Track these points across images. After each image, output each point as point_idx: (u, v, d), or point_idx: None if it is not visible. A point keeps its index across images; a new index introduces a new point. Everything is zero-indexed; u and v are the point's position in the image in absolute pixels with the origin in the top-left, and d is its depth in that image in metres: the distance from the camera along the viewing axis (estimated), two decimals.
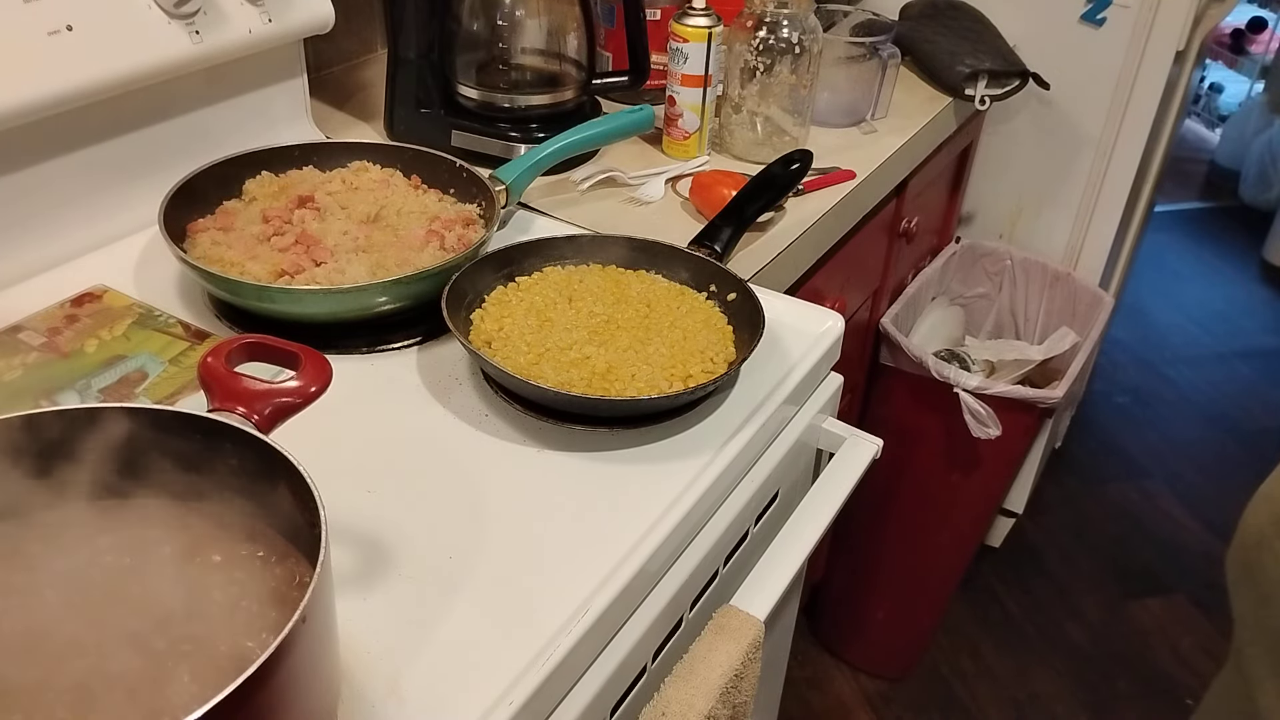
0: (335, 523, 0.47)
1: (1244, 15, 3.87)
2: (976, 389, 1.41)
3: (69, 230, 0.88)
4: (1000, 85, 1.40)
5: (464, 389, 0.76)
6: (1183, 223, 3.36)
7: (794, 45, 1.13)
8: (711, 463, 0.71)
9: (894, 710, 1.75)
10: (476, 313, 0.78)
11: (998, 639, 1.88)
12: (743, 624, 0.68)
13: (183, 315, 0.80)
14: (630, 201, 1.06)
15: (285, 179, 0.91)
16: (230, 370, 0.54)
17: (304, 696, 0.44)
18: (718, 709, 0.65)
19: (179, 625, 0.47)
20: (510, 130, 1.09)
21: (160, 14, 0.88)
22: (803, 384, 0.81)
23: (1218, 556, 2.23)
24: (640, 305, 0.80)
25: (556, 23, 1.13)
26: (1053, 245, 1.74)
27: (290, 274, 0.79)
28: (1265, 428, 2.46)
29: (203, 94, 0.97)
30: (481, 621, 0.58)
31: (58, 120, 0.84)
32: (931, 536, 1.62)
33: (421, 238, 0.83)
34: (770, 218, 1.05)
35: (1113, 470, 2.30)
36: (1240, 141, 3.50)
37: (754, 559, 0.74)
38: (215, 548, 0.51)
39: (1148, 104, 1.56)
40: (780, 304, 0.88)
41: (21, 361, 0.73)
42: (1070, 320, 1.68)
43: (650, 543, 0.64)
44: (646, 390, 0.71)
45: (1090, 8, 1.54)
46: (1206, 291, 3.00)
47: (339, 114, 1.21)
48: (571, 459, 0.70)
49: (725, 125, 1.18)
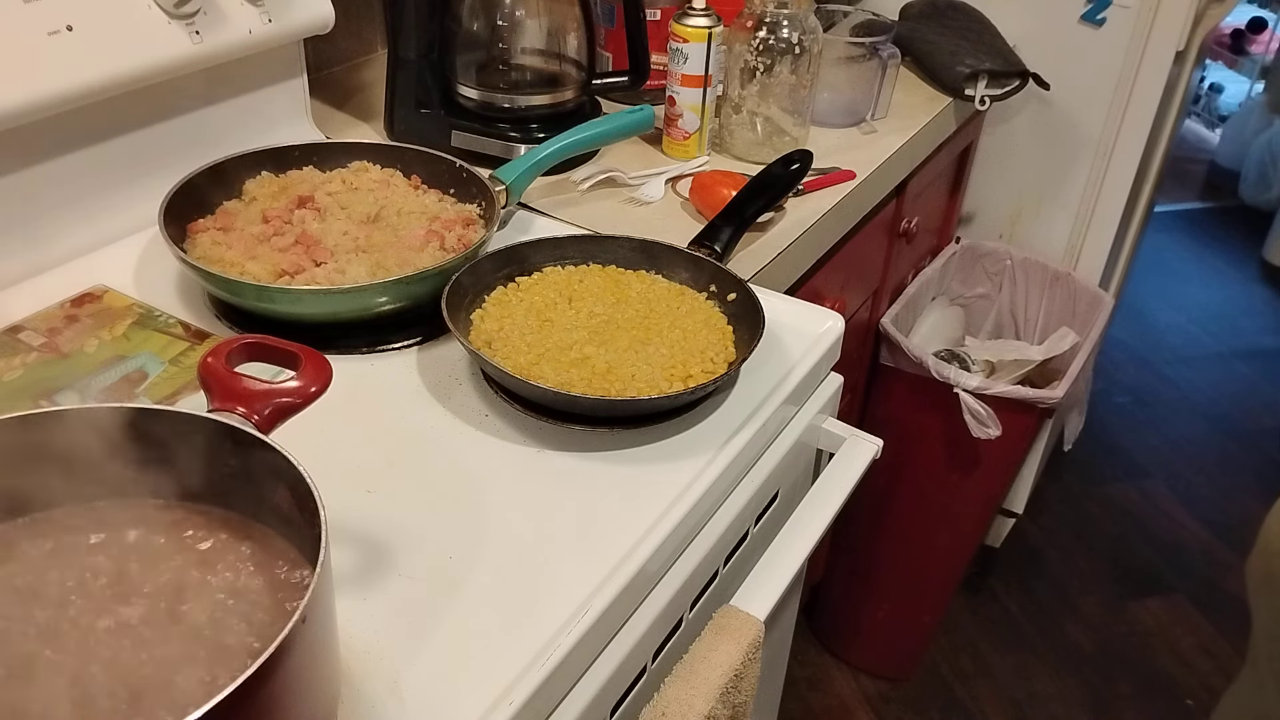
0: (335, 523, 0.47)
1: (1244, 15, 3.87)
2: (976, 389, 1.41)
3: (69, 230, 0.88)
4: (1000, 85, 1.40)
5: (464, 389, 0.76)
6: (1183, 223, 3.36)
7: (794, 45, 1.13)
8: (711, 463, 0.71)
9: (894, 710, 1.75)
10: (476, 313, 0.78)
11: (998, 639, 1.88)
12: (743, 624, 0.68)
13: (183, 315, 0.80)
14: (630, 201, 1.06)
15: (285, 179, 0.91)
16: (230, 370, 0.54)
17: (304, 696, 0.44)
18: (718, 709, 0.65)
19: (179, 625, 0.47)
20: (510, 130, 1.09)
21: (160, 14, 0.88)
22: (803, 384, 0.81)
23: (1218, 556, 2.24)
24: (640, 305, 0.80)
25: (556, 23, 1.13)
26: (1053, 245, 1.74)
27: (290, 274, 0.79)
28: (1265, 428, 2.46)
29: (203, 94, 0.97)
30: (481, 621, 0.58)
31: (58, 120, 0.84)
32: (931, 536, 1.62)
33: (421, 238, 0.83)
34: (770, 218, 1.05)
35: (1113, 470, 2.30)
36: (1240, 141, 3.50)
37: (754, 559, 0.74)
38: (215, 548, 0.51)
39: (1148, 104, 1.56)
40: (780, 304, 0.88)
41: (21, 361, 0.73)
42: (1070, 320, 1.67)
43: (650, 543, 0.64)
44: (646, 390, 0.71)
45: (1090, 8, 1.54)
46: (1206, 291, 3.00)
47: (339, 114, 1.21)
48: (571, 459, 0.70)
49: (725, 125, 1.18)
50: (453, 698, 0.54)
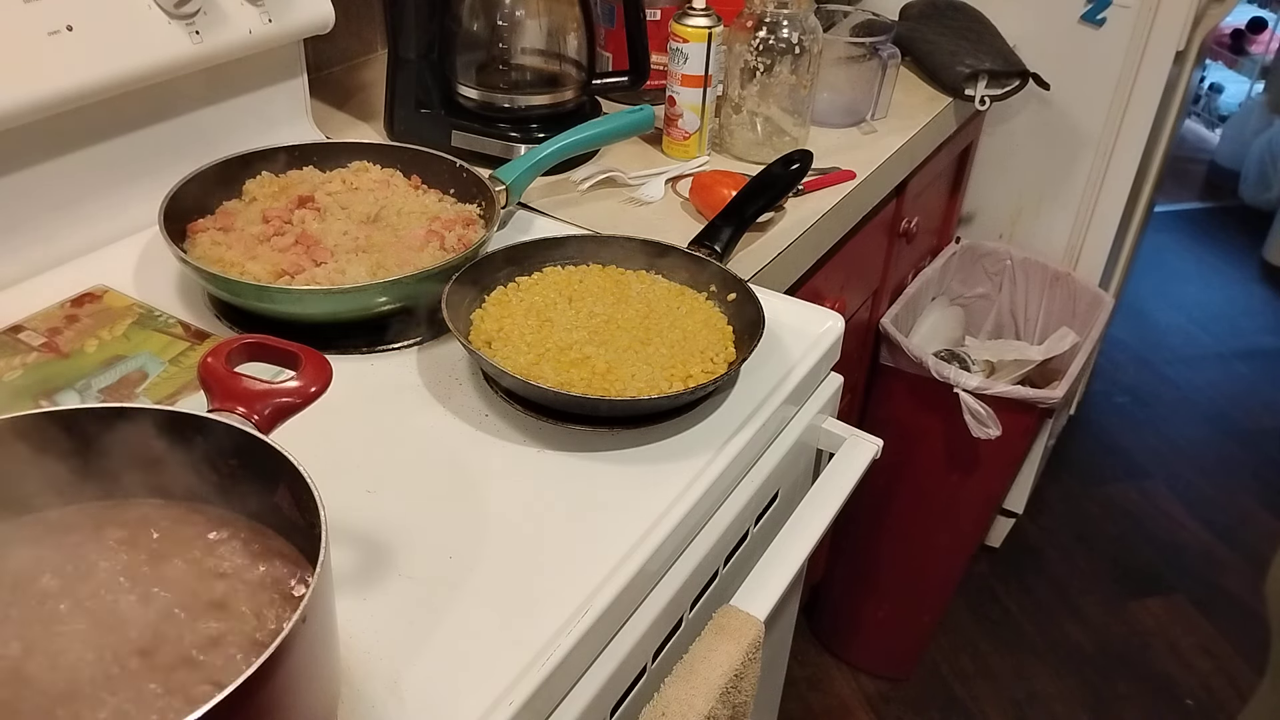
0: (335, 523, 0.47)
1: (1244, 15, 3.87)
2: (976, 389, 1.41)
3: (69, 230, 0.88)
4: (1000, 85, 1.40)
5: (464, 389, 0.76)
6: (1183, 223, 3.36)
7: (794, 45, 1.13)
8: (711, 463, 0.71)
9: (894, 710, 1.75)
10: (476, 313, 0.78)
11: (998, 639, 1.88)
12: (743, 624, 0.68)
13: (183, 315, 0.80)
14: (630, 201, 1.06)
15: (285, 179, 0.91)
16: (230, 370, 0.54)
17: (304, 696, 0.44)
18: (718, 709, 0.65)
19: (179, 625, 0.47)
20: (510, 130, 1.09)
21: (160, 14, 0.88)
22: (803, 384, 0.81)
23: (1218, 556, 2.24)
24: (640, 305, 0.80)
25: (556, 23, 1.13)
26: (1053, 245, 1.74)
27: (290, 274, 0.79)
28: (1265, 428, 2.46)
29: (203, 94, 0.97)
30: (481, 621, 0.58)
31: (58, 120, 0.84)
32: (931, 536, 1.62)
33: (421, 238, 0.83)
34: (770, 218, 1.05)
35: (1113, 470, 2.30)
36: (1240, 141, 3.50)
37: (754, 559, 0.74)
38: (215, 548, 0.51)
39: (1148, 104, 1.56)
40: (780, 304, 0.88)
41: (21, 361, 0.73)
42: (1070, 320, 1.68)
43: (650, 543, 0.64)
44: (646, 390, 0.71)
45: (1090, 8, 1.54)
46: (1206, 291, 3.00)
47: (339, 114, 1.21)
48: (571, 459, 0.70)
49: (725, 125, 1.18)
50: (453, 698, 0.54)
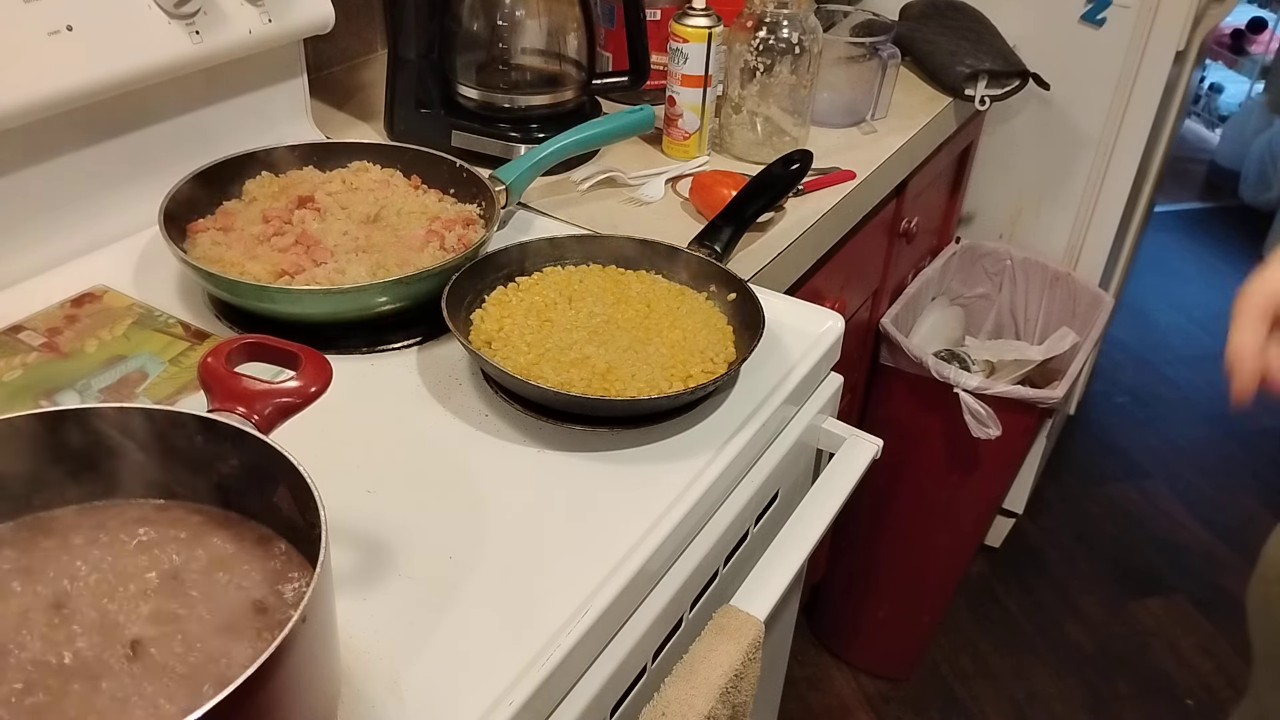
0: (335, 523, 0.47)
1: (1244, 15, 3.87)
2: (976, 389, 1.41)
3: (69, 230, 0.88)
4: (1000, 85, 1.40)
5: (464, 389, 0.76)
6: (1183, 223, 3.36)
7: (794, 45, 1.13)
8: (711, 463, 0.71)
9: (894, 710, 1.75)
10: (476, 313, 0.78)
11: (998, 639, 1.88)
12: (743, 624, 0.68)
13: (183, 315, 0.80)
14: (630, 201, 1.06)
15: (285, 179, 0.91)
16: (230, 370, 0.54)
17: (304, 696, 0.44)
18: (718, 709, 0.65)
19: (178, 625, 0.47)
20: (510, 130, 1.09)
21: (160, 14, 0.88)
22: (803, 384, 0.81)
23: (1218, 556, 2.23)
24: (640, 305, 0.80)
25: (556, 23, 1.13)
26: (1053, 245, 1.74)
27: (290, 274, 0.79)
28: (1265, 428, 2.46)
29: (203, 94, 0.97)
30: (481, 621, 0.58)
31: (58, 120, 0.84)
32: (931, 536, 1.62)
33: (421, 238, 0.83)
34: (770, 218, 1.05)
35: (1113, 470, 2.30)
36: (1240, 141, 3.50)
37: (754, 559, 0.74)
38: (215, 548, 0.51)
39: (1148, 104, 1.56)
40: (780, 304, 0.88)
41: (21, 361, 0.73)
42: (1070, 320, 1.67)
43: (650, 543, 0.64)
44: (646, 390, 0.71)
45: (1090, 8, 1.54)
46: (1206, 291, 3.00)
47: (339, 114, 1.21)
48: (571, 459, 0.70)
49: (725, 125, 1.18)
50: (453, 698, 0.54)
